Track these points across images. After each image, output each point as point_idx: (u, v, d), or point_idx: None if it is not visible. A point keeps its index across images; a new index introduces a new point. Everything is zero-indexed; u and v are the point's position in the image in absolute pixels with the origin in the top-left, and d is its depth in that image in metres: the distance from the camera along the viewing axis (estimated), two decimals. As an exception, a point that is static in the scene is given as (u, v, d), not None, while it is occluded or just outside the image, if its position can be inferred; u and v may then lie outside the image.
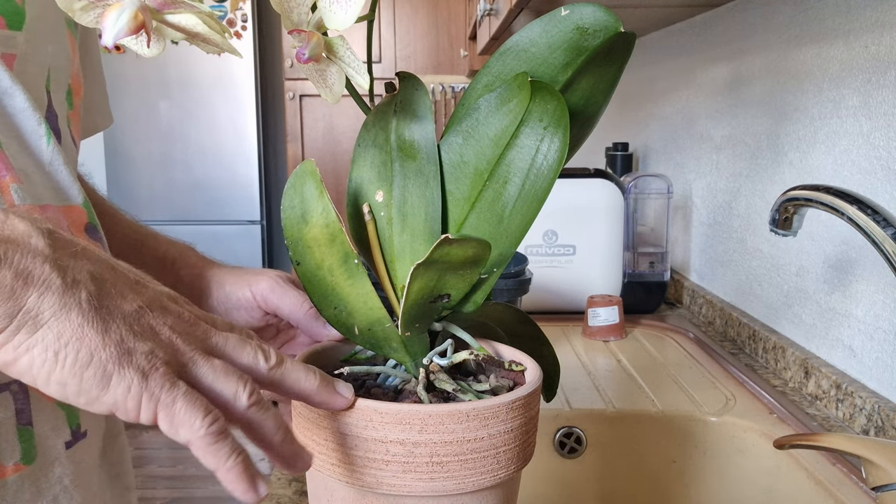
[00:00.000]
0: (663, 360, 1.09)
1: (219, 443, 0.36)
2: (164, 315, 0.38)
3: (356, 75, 0.44)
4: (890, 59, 0.80)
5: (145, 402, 0.35)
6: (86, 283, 0.36)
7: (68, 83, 0.59)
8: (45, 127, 0.53)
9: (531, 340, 0.55)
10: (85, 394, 0.35)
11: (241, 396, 0.38)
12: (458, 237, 0.41)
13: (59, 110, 0.57)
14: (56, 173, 0.54)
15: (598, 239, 1.31)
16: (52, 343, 0.35)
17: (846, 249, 0.89)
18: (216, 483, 1.32)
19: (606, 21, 0.47)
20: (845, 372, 0.88)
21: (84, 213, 0.56)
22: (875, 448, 0.53)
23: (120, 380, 0.35)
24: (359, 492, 0.44)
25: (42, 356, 0.35)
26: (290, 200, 0.48)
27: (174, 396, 0.36)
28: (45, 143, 0.53)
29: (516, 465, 0.45)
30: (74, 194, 0.55)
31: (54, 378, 0.35)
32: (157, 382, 0.36)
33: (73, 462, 0.56)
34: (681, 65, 1.47)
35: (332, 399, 0.42)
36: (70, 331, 0.35)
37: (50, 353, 0.35)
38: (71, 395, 0.35)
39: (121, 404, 0.35)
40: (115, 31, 0.37)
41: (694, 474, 0.89)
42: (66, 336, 0.35)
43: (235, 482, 0.36)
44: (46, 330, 0.35)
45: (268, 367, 0.40)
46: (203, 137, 3.48)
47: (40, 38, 0.55)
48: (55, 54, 0.57)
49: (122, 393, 0.35)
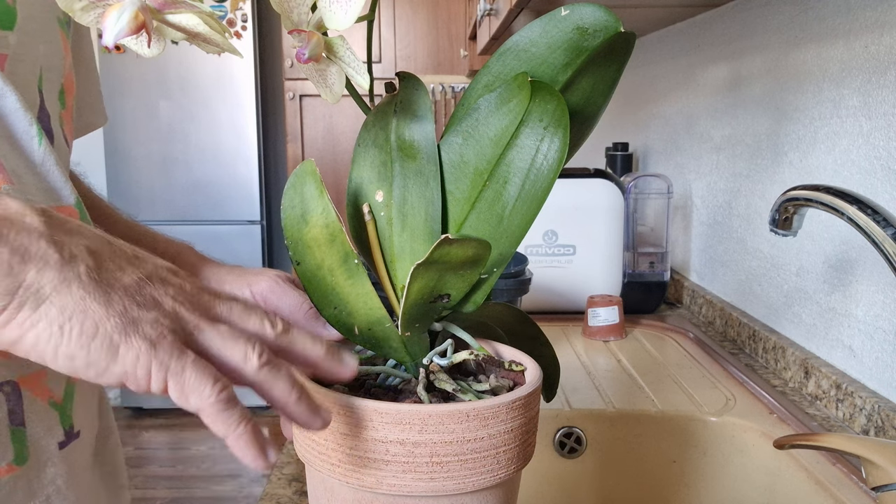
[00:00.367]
0: (663, 360, 1.09)
1: (229, 410, 0.36)
2: (166, 286, 0.38)
3: (356, 75, 0.44)
4: (890, 59, 0.80)
5: (155, 371, 0.35)
6: (83, 257, 0.36)
7: (61, 82, 0.59)
8: (37, 128, 0.53)
9: (531, 340, 0.55)
10: (94, 365, 0.35)
11: (252, 358, 0.38)
12: (458, 237, 0.41)
13: (51, 110, 0.57)
14: (48, 174, 0.54)
15: (598, 239, 1.31)
16: (57, 317, 0.35)
17: (846, 249, 0.89)
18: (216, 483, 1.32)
19: (606, 21, 0.47)
20: (845, 372, 0.88)
21: (76, 214, 0.56)
22: (875, 448, 0.53)
23: (128, 349, 0.35)
24: (359, 492, 0.44)
25: (47, 331, 0.35)
26: (290, 200, 0.48)
27: (183, 364, 0.36)
28: (36, 143, 0.53)
29: (516, 465, 0.45)
30: (67, 194, 0.55)
31: (62, 352, 0.35)
32: (166, 351, 0.35)
33: (67, 462, 0.56)
34: (681, 65, 1.47)
35: (338, 367, 0.42)
36: (73, 304, 0.35)
37: (55, 326, 0.35)
38: (80, 368, 0.35)
39: (130, 374, 0.35)
40: (116, 31, 0.37)
41: (694, 474, 0.89)
42: (70, 309, 0.35)
43: (245, 448, 0.36)
44: (49, 305, 0.35)
45: (275, 334, 0.40)
46: (203, 137, 3.48)
47: (32, 37, 0.55)
48: (47, 54, 0.57)
49: (131, 362, 0.35)
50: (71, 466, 0.56)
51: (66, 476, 0.55)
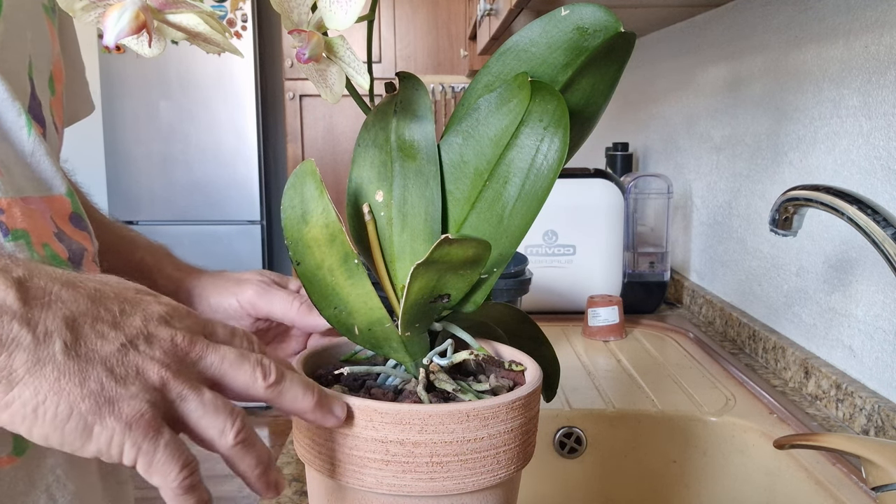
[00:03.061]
0: (663, 360, 1.09)
1: (187, 495, 0.36)
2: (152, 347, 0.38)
3: (356, 75, 0.44)
4: (890, 59, 0.80)
5: (127, 450, 0.35)
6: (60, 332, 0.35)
7: (50, 70, 0.59)
8: (26, 118, 0.53)
9: (531, 340, 0.55)
10: (68, 445, 0.35)
11: (228, 435, 0.38)
12: (458, 237, 0.41)
13: (42, 98, 0.57)
14: (38, 164, 0.53)
15: (598, 239, 1.31)
16: (30, 399, 0.34)
17: (846, 249, 0.89)
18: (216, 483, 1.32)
19: (606, 21, 0.47)
20: (845, 372, 0.88)
21: (68, 203, 0.56)
22: (875, 448, 0.53)
23: (102, 429, 0.35)
24: (359, 492, 0.44)
25: (21, 412, 0.34)
26: (290, 200, 0.48)
27: (156, 446, 0.36)
28: (25, 133, 0.53)
29: (516, 465, 0.45)
30: (58, 184, 0.55)
31: (36, 432, 0.35)
32: (141, 432, 0.35)
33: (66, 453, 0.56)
34: (681, 65, 1.47)
35: (325, 419, 0.42)
36: (47, 385, 0.34)
37: (28, 408, 0.34)
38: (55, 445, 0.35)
39: (104, 452, 0.35)
40: (117, 31, 0.37)
41: (694, 474, 0.89)
42: (44, 391, 0.34)
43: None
44: (23, 387, 0.34)
45: (265, 386, 0.40)
46: (203, 137, 3.48)
47: (18, 25, 0.54)
48: (35, 41, 0.56)
49: (104, 443, 0.35)
50: (71, 457, 0.56)
51: (66, 466, 0.55)
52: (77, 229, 0.56)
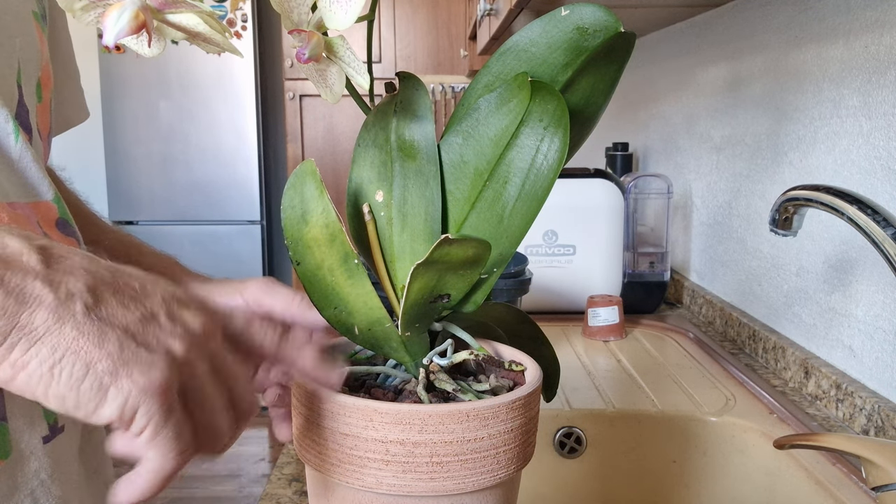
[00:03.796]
0: (663, 360, 1.09)
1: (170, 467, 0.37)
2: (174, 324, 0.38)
3: (356, 75, 0.44)
4: (890, 59, 0.80)
5: (140, 416, 0.35)
6: (81, 295, 0.36)
7: (38, 75, 0.59)
8: (14, 124, 0.53)
9: (531, 340, 0.55)
10: (83, 407, 0.35)
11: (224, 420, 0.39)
12: (458, 237, 0.41)
13: (29, 104, 0.57)
14: (25, 170, 0.54)
15: (598, 239, 1.31)
16: (47, 357, 0.34)
17: (846, 249, 0.89)
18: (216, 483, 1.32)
19: (606, 21, 0.47)
20: (845, 372, 0.88)
21: (54, 209, 0.56)
22: (875, 448, 0.53)
23: (118, 392, 0.35)
24: (359, 492, 0.44)
25: (38, 371, 0.34)
26: (290, 200, 0.48)
27: (167, 419, 0.36)
28: (13, 140, 0.53)
29: (516, 465, 0.45)
30: (44, 190, 0.55)
31: (51, 392, 0.35)
32: (156, 400, 0.35)
33: (51, 457, 0.56)
34: (681, 65, 1.47)
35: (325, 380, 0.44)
36: (65, 344, 0.35)
37: (45, 367, 0.34)
38: (70, 409, 0.35)
39: (116, 416, 0.35)
40: (116, 30, 0.37)
41: (694, 474, 0.89)
42: (62, 350, 0.34)
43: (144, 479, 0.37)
44: (41, 345, 0.34)
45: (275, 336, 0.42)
46: (203, 137, 3.48)
47: (7, 30, 0.54)
48: (23, 47, 0.56)
49: (118, 406, 0.35)
50: (56, 461, 0.56)
51: (51, 470, 0.55)
52: (64, 235, 0.56)
